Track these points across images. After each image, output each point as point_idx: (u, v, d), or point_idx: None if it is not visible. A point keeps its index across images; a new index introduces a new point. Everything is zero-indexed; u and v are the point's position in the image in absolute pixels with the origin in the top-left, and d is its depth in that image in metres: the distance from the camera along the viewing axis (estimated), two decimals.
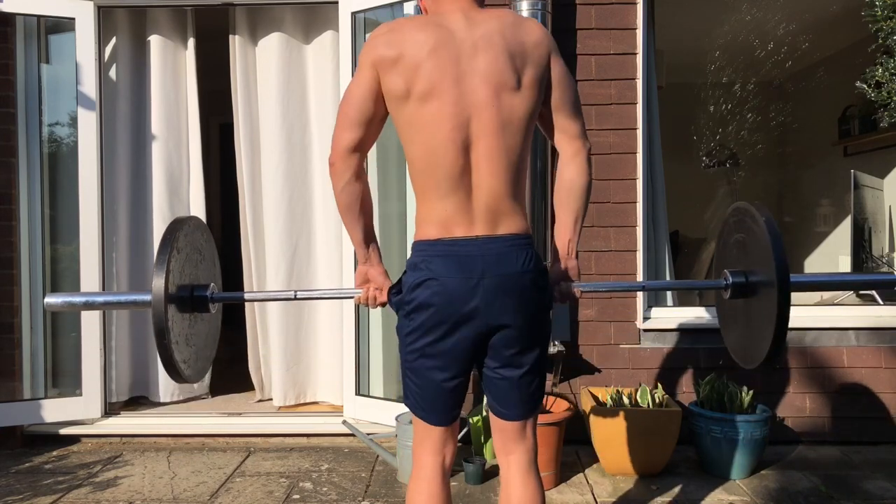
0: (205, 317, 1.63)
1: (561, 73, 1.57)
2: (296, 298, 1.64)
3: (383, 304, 1.63)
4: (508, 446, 1.63)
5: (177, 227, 1.50)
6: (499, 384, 1.59)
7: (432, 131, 1.46)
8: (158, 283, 1.41)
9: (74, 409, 3.24)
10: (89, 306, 1.55)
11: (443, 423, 1.59)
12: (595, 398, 2.92)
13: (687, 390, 3.13)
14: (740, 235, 1.61)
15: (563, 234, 1.64)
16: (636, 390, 2.90)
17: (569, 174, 1.61)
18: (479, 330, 1.50)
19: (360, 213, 1.55)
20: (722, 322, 1.77)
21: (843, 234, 4.97)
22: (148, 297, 1.47)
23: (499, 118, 1.47)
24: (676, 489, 2.63)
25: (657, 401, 2.81)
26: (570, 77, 1.60)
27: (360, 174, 1.53)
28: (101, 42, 3.32)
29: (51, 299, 1.52)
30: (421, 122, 1.47)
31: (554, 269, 1.66)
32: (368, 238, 1.60)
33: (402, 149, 1.56)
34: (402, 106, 1.48)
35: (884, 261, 4.28)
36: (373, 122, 1.52)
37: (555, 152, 1.67)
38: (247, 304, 3.62)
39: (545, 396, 1.63)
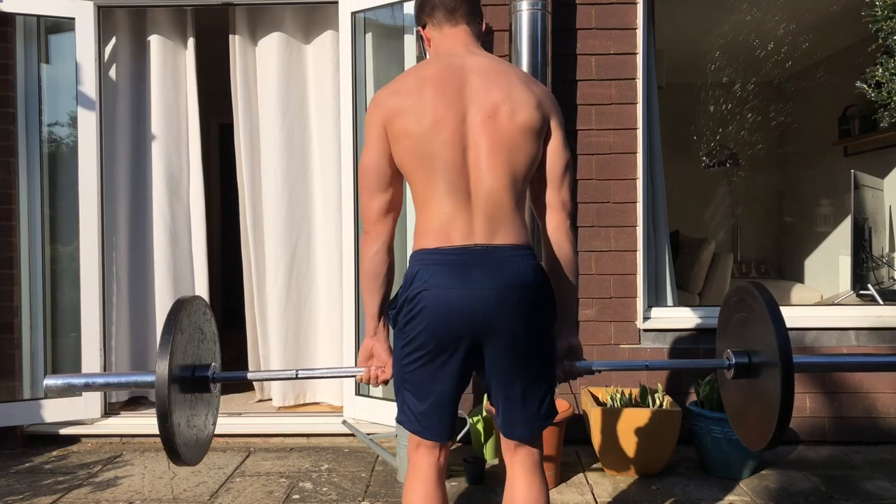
0: (204, 398, 1.64)
1: (558, 144, 1.57)
2: (297, 378, 1.63)
3: (385, 383, 1.63)
4: (514, 447, 1.61)
5: (180, 308, 1.50)
6: (504, 404, 1.55)
7: (432, 139, 1.47)
8: (162, 365, 1.41)
9: (74, 409, 3.25)
10: (90, 388, 1.56)
11: (439, 438, 1.57)
12: (595, 398, 2.92)
13: (687, 390, 3.14)
14: (741, 315, 1.61)
15: (564, 311, 1.62)
16: (636, 390, 2.90)
17: (554, 250, 1.60)
18: (476, 343, 1.48)
19: (383, 283, 1.57)
20: (725, 401, 1.76)
21: (843, 234, 4.98)
22: (151, 379, 1.48)
23: (496, 125, 1.49)
24: (676, 489, 2.64)
25: (657, 401, 2.81)
26: (566, 150, 1.59)
27: (392, 244, 1.56)
28: (101, 42, 3.32)
29: (50, 381, 1.53)
30: (421, 137, 1.47)
31: (560, 345, 1.63)
32: (382, 311, 1.61)
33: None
34: (405, 136, 1.49)
35: (884, 261, 4.28)
36: (393, 181, 1.55)
37: None
38: (246, 303, 3.62)
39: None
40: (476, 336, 1.47)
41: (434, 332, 1.46)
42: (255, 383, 3.67)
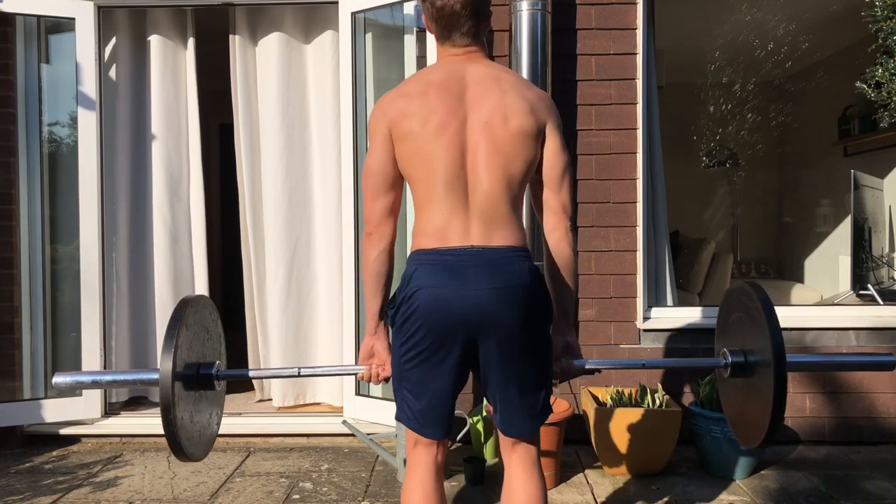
0: (208, 395, 1.64)
1: (556, 147, 1.58)
2: (300, 376, 1.64)
3: (386, 380, 1.65)
4: (512, 445, 1.63)
5: (186, 304, 1.51)
6: (502, 402, 1.57)
7: (433, 141, 1.50)
8: (167, 360, 1.42)
9: (74, 409, 3.25)
10: (97, 385, 1.57)
11: (437, 436, 1.58)
12: (595, 398, 2.92)
13: (687, 390, 3.14)
14: (738, 314, 1.62)
15: (561, 310, 1.64)
16: (636, 390, 2.90)
17: (552, 251, 1.61)
18: (471, 343, 1.49)
19: (384, 284, 1.60)
20: (723, 398, 1.79)
21: (843, 234, 4.98)
22: (155, 376, 1.49)
23: (493, 131, 1.51)
24: (676, 489, 2.64)
25: (657, 401, 2.81)
26: (565, 153, 1.60)
27: (393, 245, 1.58)
28: (101, 42, 3.32)
29: (59, 379, 1.54)
30: (423, 140, 1.50)
31: (556, 343, 1.64)
32: (383, 311, 1.63)
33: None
34: (409, 138, 1.51)
35: (884, 261, 4.29)
36: (395, 183, 1.57)
37: None
38: (246, 303, 3.62)
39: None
40: (471, 335, 1.49)
41: (430, 331, 1.48)
42: (255, 383, 3.67)
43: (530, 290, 1.51)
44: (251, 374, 1.68)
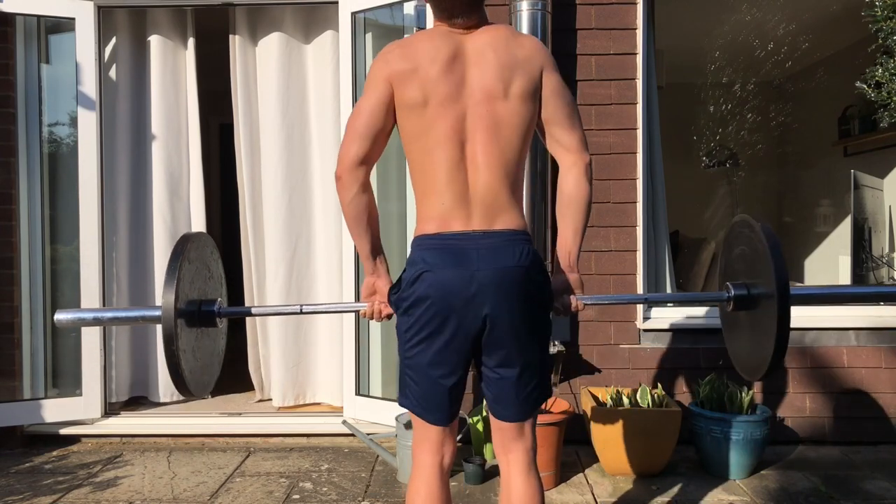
0: (210, 333, 1.64)
1: (554, 87, 1.59)
2: (301, 313, 1.66)
3: (388, 317, 1.65)
4: (508, 445, 1.63)
5: (188, 239, 1.51)
6: (497, 384, 1.58)
7: (432, 129, 1.51)
8: (169, 293, 1.41)
9: (74, 409, 3.24)
10: (98, 322, 1.58)
11: (441, 422, 1.59)
12: (595, 398, 2.91)
13: (687, 390, 3.14)
14: (741, 248, 1.61)
15: (563, 246, 1.64)
16: (636, 390, 2.90)
17: (566, 187, 1.62)
18: (475, 324, 1.50)
19: (367, 224, 1.59)
20: (726, 333, 1.77)
21: (843, 234, 4.97)
22: (157, 313, 1.48)
23: (491, 119, 1.53)
24: (676, 489, 2.64)
25: (657, 401, 2.81)
26: (566, 91, 1.61)
27: (367, 186, 1.57)
28: (101, 42, 3.32)
29: (61, 315, 1.54)
30: (426, 125, 1.52)
31: (555, 280, 1.65)
32: (375, 250, 1.63)
33: (402, 150, 1.59)
34: (414, 114, 1.52)
35: (884, 261, 4.29)
36: (380, 135, 1.56)
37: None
38: (246, 303, 3.62)
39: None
40: (474, 317, 1.50)
41: (435, 313, 1.50)
42: (255, 384, 3.67)
43: (531, 274, 1.52)
44: (253, 310, 1.69)
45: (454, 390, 1.58)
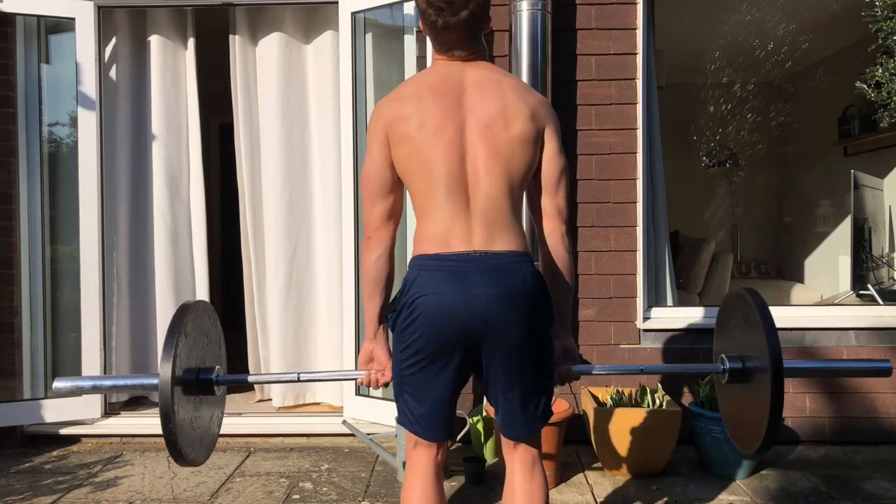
0: (209, 400, 1.64)
1: (553, 151, 1.58)
2: (299, 381, 1.64)
3: (385, 385, 1.65)
4: (513, 445, 1.63)
5: (185, 312, 1.52)
6: (503, 406, 1.57)
7: (432, 146, 1.49)
8: (166, 368, 1.42)
9: (74, 409, 3.25)
10: (97, 390, 1.58)
11: (438, 438, 1.59)
12: (595, 398, 2.92)
13: (687, 390, 3.14)
14: (736, 320, 1.62)
15: (556, 316, 1.62)
16: (636, 390, 2.90)
17: (547, 255, 1.61)
18: (474, 346, 1.49)
19: (383, 288, 1.59)
20: (721, 405, 1.78)
21: (843, 234, 4.98)
22: (155, 381, 1.49)
23: (492, 138, 1.50)
24: (676, 489, 2.64)
25: (657, 401, 2.81)
26: (561, 157, 1.60)
27: (392, 248, 1.58)
28: (101, 42, 3.32)
29: (59, 384, 1.55)
30: (421, 144, 1.49)
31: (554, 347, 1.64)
32: (381, 315, 1.62)
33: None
34: (409, 138, 1.50)
35: (884, 261, 4.29)
36: (395, 188, 1.56)
37: None
38: (246, 303, 3.62)
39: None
40: (474, 341, 1.48)
41: (432, 338, 1.48)
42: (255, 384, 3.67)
43: (534, 296, 1.50)
44: (250, 378, 1.68)
45: (451, 408, 1.58)
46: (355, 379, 1.66)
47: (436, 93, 1.51)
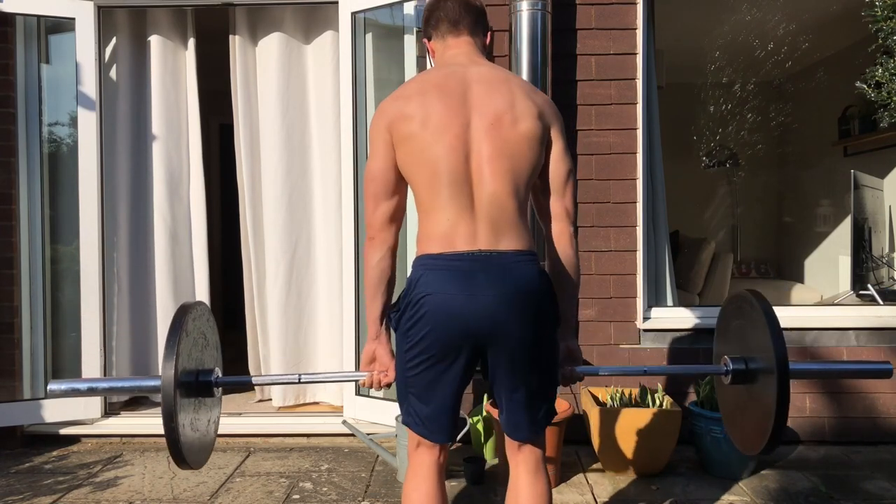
0: (207, 403, 1.64)
1: (559, 151, 1.58)
2: (300, 382, 1.64)
3: (388, 386, 1.64)
4: (517, 445, 1.62)
5: (185, 311, 1.52)
6: (508, 406, 1.57)
7: (435, 143, 1.47)
8: (168, 367, 1.42)
9: (74, 410, 3.25)
10: (93, 392, 1.56)
11: (443, 440, 1.58)
12: (595, 398, 2.92)
13: (687, 390, 3.14)
14: (739, 322, 1.62)
15: (561, 317, 1.61)
16: (636, 391, 2.90)
17: (554, 256, 1.60)
18: (480, 345, 1.48)
19: (385, 289, 1.58)
20: (721, 406, 1.78)
21: (843, 234, 4.98)
22: (155, 384, 1.49)
23: (498, 135, 1.49)
24: (676, 489, 2.64)
25: (657, 401, 2.81)
26: (568, 157, 1.60)
27: (395, 249, 1.58)
28: (101, 42, 3.32)
29: (54, 386, 1.53)
30: (425, 142, 1.48)
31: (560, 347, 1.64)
32: (384, 316, 1.61)
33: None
34: (413, 136, 1.49)
35: (884, 261, 4.29)
36: (398, 188, 1.56)
37: None
38: (246, 303, 3.62)
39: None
40: (480, 342, 1.47)
41: (437, 338, 1.47)
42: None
43: (541, 296, 1.49)
44: (252, 381, 1.68)
45: (455, 409, 1.57)
46: (357, 380, 1.65)
47: (440, 90, 1.51)
